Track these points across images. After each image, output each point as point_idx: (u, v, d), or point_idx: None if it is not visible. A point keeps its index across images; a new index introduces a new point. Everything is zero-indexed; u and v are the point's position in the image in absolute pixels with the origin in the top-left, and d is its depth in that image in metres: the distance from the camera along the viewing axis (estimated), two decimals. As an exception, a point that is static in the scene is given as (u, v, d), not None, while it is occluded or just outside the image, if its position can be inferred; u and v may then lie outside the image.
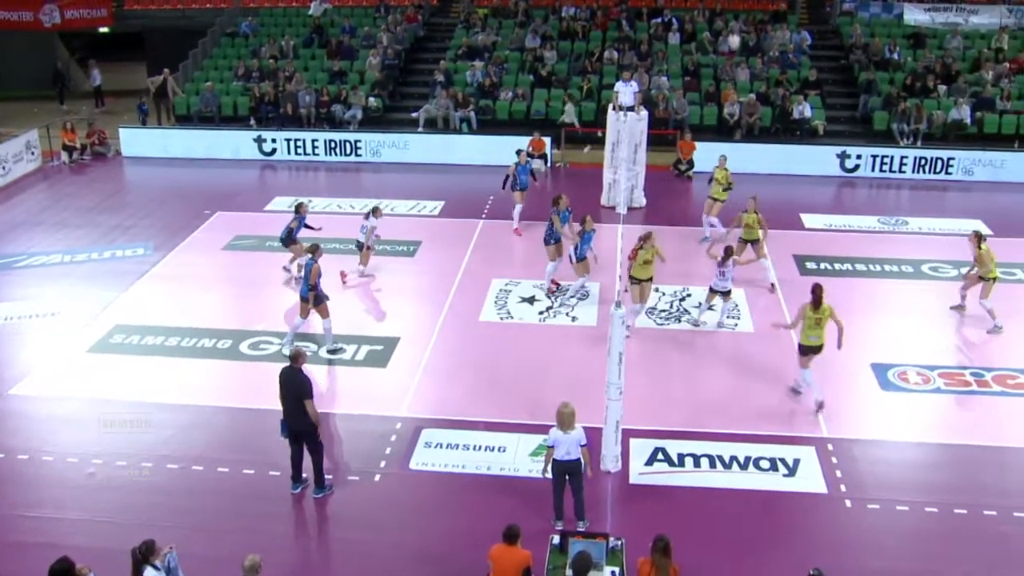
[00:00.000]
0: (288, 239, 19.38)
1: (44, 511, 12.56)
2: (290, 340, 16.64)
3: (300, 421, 12.47)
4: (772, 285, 19.42)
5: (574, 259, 18.54)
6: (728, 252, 17.41)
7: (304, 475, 12.86)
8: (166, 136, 30.55)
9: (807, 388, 15.13)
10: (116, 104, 37.43)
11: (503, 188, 22.87)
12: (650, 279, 17.56)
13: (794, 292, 18.77)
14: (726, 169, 21.90)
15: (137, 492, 12.94)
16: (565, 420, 11.58)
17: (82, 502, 12.76)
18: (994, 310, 17.61)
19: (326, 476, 12.87)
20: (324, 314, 16.63)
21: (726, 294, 17.64)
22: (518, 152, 23.55)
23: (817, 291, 14.68)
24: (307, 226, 19.53)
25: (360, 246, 19.79)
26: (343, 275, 19.64)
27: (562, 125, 29.57)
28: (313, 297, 16.44)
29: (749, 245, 19.53)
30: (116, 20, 39.55)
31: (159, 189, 27.19)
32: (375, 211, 19.92)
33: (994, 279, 17.71)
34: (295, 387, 12.46)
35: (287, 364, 12.77)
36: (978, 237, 17.99)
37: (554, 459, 11.69)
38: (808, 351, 14.86)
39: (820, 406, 14.82)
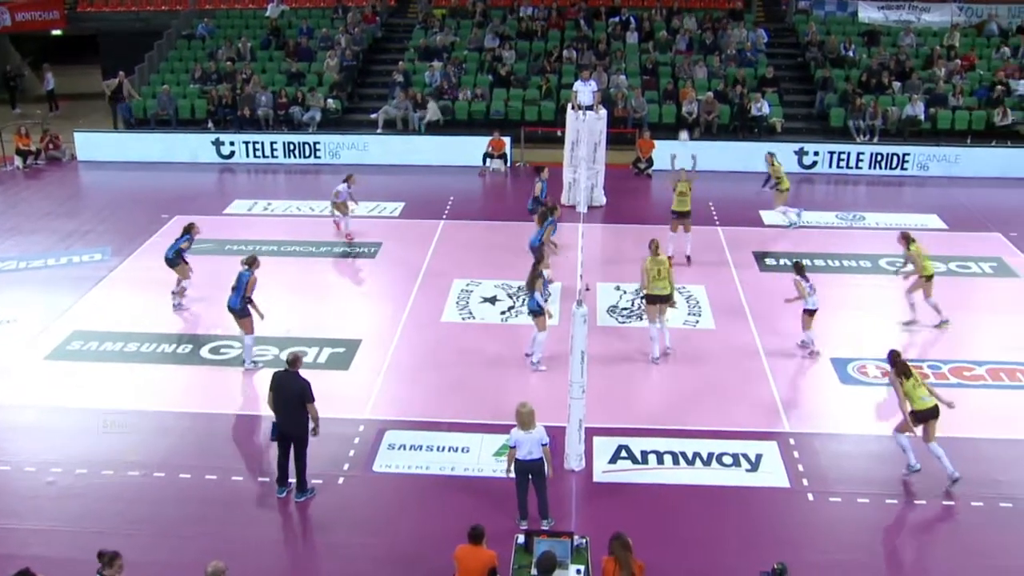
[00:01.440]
0: (176, 259, 18.50)
1: (2, 522, 12.34)
2: (248, 354, 16.39)
3: (295, 425, 12.38)
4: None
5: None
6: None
7: (289, 480, 12.77)
8: (122, 140, 30.22)
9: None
10: (70, 108, 36.99)
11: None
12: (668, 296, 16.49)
13: (753, 289, 18.96)
14: (687, 181, 21.01)
15: (98, 500, 12.77)
16: (525, 420, 11.58)
17: (41, 511, 12.56)
18: (938, 304, 17.70)
19: (312, 480, 12.82)
20: (248, 330, 16.23)
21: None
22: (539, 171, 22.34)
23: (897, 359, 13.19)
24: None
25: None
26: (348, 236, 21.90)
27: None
28: (241, 309, 16.03)
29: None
30: (69, 22, 39.06)
31: (116, 193, 26.89)
32: (349, 178, 22.02)
33: (930, 276, 17.59)
34: (294, 391, 12.35)
35: (283, 368, 12.65)
36: (907, 239, 17.77)
37: (516, 459, 11.70)
38: (923, 417, 13.00)
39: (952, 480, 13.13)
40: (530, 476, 11.81)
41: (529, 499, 12.01)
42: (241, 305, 16.03)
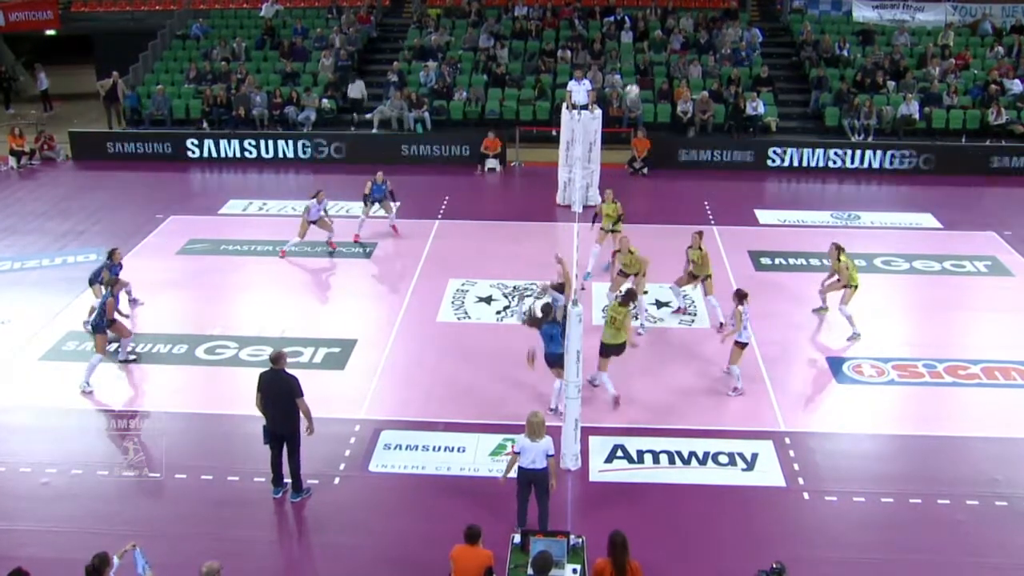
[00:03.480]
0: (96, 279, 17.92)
1: (-3, 522, 12.36)
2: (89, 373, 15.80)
3: (285, 424, 12.36)
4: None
5: None
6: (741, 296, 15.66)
7: (284, 480, 12.76)
8: (117, 140, 30.12)
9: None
10: (64, 108, 36.93)
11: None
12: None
13: (749, 288, 18.94)
14: (615, 203, 20.32)
15: (93, 501, 12.76)
16: (534, 429, 11.39)
17: (36, 512, 12.54)
18: (853, 317, 17.33)
19: (308, 481, 12.81)
20: (100, 348, 15.76)
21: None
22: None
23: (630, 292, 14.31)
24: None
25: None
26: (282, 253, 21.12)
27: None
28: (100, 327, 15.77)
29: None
30: (63, 23, 38.95)
31: (111, 194, 26.84)
32: (317, 195, 21.22)
33: (855, 287, 17.37)
34: (282, 389, 12.31)
35: (268, 368, 12.59)
36: (838, 249, 17.62)
37: (520, 466, 11.57)
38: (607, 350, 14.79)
39: None
40: (532, 486, 11.66)
41: (530, 508, 11.97)
42: (98, 322, 15.72)
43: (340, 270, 20.66)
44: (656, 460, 13.62)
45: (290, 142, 29.38)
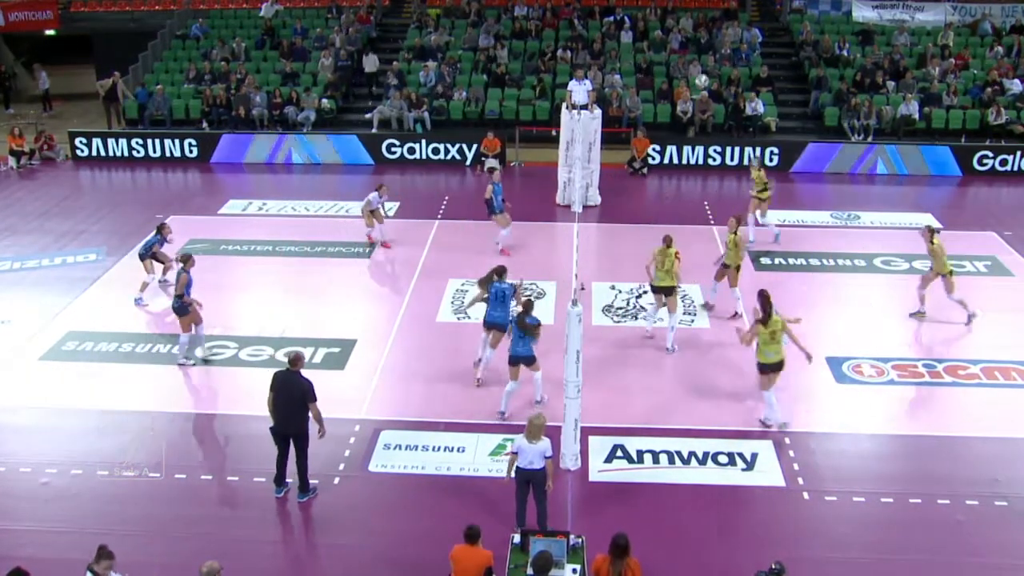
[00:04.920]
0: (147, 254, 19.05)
1: (-4, 522, 12.36)
2: (187, 348, 16.31)
3: (295, 424, 12.35)
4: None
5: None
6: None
7: (287, 479, 12.76)
8: (117, 140, 30.11)
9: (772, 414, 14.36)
10: (64, 108, 36.91)
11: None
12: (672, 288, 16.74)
13: (749, 288, 18.94)
14: (760, 171, 22.13)
15: (92, 501, 12.76)
16: (533, 431, 11.39)
17: (35, 512, 12.53)
18: (964, 300, 17.76)
19: (312, 481, 12.81)
20: (185, 327, 16.15)
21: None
22: (490, 171, 22.69)
23: (765, 302, 13.92)
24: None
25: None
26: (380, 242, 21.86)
27: None
28: (179, 307, 16.05)
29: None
30: (62, 23, 38.96)
31: (111, 194, 26.86)
32: (380, 188, 21.86)
33: (951, 272, 17.75)
34: (296, 391, 12.31)
35: (284, 368, 12.61)
36: (931, 231, 17.97)
37: (518, 466, 11.59)
38: (768, 369, 14.13)
39: (779, 426, 14.26)
40: (530, 485, 11.67)
41: (529, 509, 11.97)
42: (178, 304, 16.01)
43: (340, 270, 20.65)
44: (656, 460, 13.62)
45: (289, 140, 29.41)
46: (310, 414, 12.38)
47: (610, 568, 9.60)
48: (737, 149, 28.51)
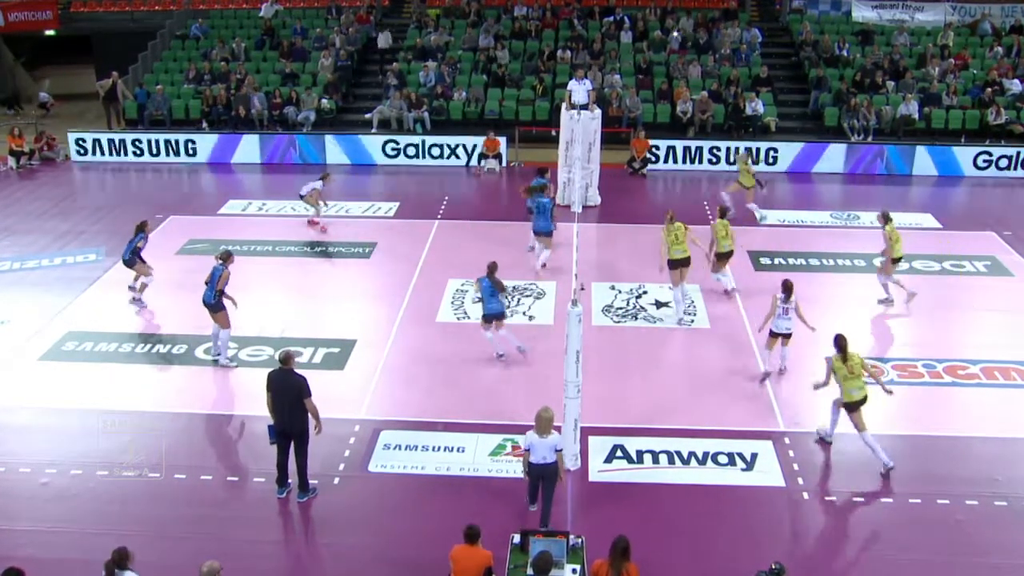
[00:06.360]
0: (132, 260, 18.67)
1: (-4, 523, 12.35)
2: (223, 349, 16.37)
3: (293, 423, 12.36)
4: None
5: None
6: (788, 288, 15.69)
7: (288, 480, 12.76)
8: (116, 140, 30.11)
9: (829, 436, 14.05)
10: (64, 108, 36.91)
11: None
12: (687, 259, 17.81)
13: (748, 288, 18.98)
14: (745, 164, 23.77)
15: (92, 501, 12.75)
16: (542, 425, 11.49)
17: (35, 512, 12.53)
18: (889, 285, 18.50)
19: (312, 481, 12.80)
20: (224, 323, 16.19)
21: (787, 336, 15.72)
22: (541, 188, 20.83)
23: (841, 341, 13.59)
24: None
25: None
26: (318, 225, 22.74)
27: None
28: (215, 303, 16.08)
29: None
30: (62, 23, 38.90)
31: (110, 194, 26.86)
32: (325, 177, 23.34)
33: (898, 259, 18.36)
34: (291, 388, 12.32)
35: (277, 368, 12.62)
36: (885, 218, 18.44)
37: (530, 462, 11.68)
38: (853, 407, 13.39)
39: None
40: (541, 480, 11.77)
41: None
42: (215, 299, 16.05)
43: (340, 270, 20.65)
44: (656, 460, 13.61)
45: (287, 141, 29.40)
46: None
47: (609, 571, 9.59)
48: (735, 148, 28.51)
